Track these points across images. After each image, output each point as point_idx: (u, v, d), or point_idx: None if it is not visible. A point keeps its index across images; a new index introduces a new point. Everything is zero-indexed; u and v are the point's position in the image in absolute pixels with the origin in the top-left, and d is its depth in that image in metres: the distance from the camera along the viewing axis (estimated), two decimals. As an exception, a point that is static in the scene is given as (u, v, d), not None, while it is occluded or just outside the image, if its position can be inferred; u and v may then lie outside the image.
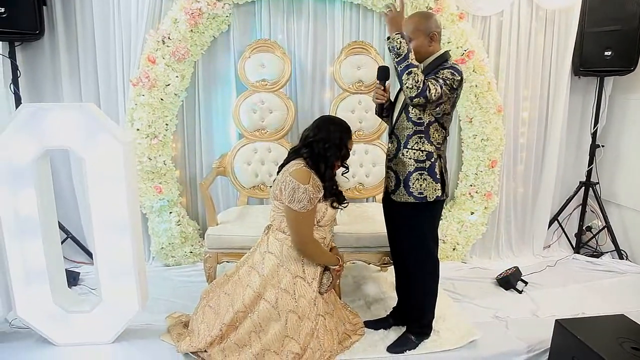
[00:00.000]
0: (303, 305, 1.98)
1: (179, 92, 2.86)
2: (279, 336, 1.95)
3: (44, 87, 2.95)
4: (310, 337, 1.98)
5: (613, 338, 1.95)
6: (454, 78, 1.87)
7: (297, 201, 1.89)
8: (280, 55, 2.93)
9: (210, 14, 2.75)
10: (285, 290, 1.98)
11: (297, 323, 1.97)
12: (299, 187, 1.88)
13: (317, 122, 2.09)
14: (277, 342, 1.95)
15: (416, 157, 1.98)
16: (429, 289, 2.16)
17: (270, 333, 1.96)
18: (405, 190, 2.00)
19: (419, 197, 1.98)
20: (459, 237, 3.23)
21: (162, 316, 2.39)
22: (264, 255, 2.05)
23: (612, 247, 3.42)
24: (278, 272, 2.01)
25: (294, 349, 1.94)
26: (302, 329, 1.97)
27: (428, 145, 1.97)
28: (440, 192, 1.99)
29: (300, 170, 1.95)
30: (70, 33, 2.89)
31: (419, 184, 1.98)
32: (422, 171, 1.97)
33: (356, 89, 2.99)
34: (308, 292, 2.01)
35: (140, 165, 2.83)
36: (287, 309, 1.97)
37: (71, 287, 2.71)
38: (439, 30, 1.98)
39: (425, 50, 1.97)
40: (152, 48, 2.74)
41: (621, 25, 3.10)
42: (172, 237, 2.98)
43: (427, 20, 1.97)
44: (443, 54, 1.99)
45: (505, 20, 3.16)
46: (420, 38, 1.95)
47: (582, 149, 3.58)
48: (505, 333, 2.37)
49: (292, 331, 1.96)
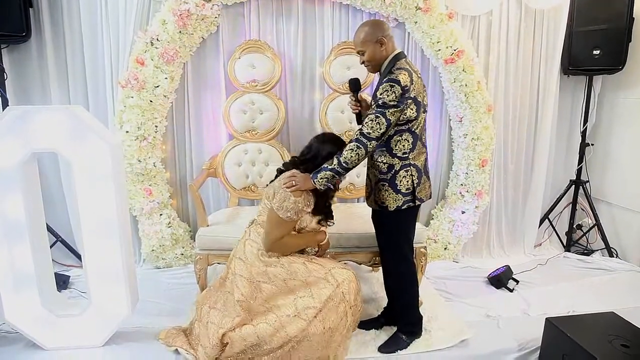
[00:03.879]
0: (297, 270, 1.97)
1: (168, 93, 2.84)
2: (290, 301, 1.94)
3: (32, 90, 2.92)
4: (321, 289, 1.94)
5: (603, 336, 1.97)
6: (393, 90, 1.86)
7: (285, 210, 1.91)
8: (270, 55, 2.93)
9: (199, 15, 2.73)
10: (270, 265, 1.99)
11: (302, 284, 1.95)
12: (290, 198, 1.90)
13: (311, 140, 2.12)
14: (291, 306, 1.92)
15: (379, 169, 2.03)
16: (406, 288, 2.19)
17: (281, 303, 1.95)
18: (373, 198, 2.10)
19: (381, 206, 2.06)
20: (450, 237, 3.23)
21: (153, 319, 2.38)
22: (245, 243, 2.06)
23: (602, 245, 3.44)
24: (258, 254, 2.01)
25: (308, 304, 1.91)
26: (311, 286, 1.95)
27: (389, 158, 2.00)
28: (402, 202, 2.02)
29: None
30: (57, 35, 2.87)
31: (382, 194, 2.04)
32: (384, 182, 2.02)
33: (346, 89, 2.97)
34: (296, 259, 2.02)
35: (130, 167, 2.81)
36: (283, 279, 1.96)
37: (61, 290, 2.69)
38: (386, 34, 1.99)
39: (380, 56, 2.00)
40: (140, 50, 2.72)
41: (609, 25, 3.12)
42: (163, 239, 2.97)
43: (372, 29, 2.00)
44: (395, 55, 2.00)
45: (494, 20, 3.17)
46: (370, 47, 1.99)
47: (572, 147, 3.61)
48: (496, 332, 2.38)
49: (300, 291, 1.94)
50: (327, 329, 1.90)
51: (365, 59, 2.02)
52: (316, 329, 1.89)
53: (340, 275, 1.96)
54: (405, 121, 1.95)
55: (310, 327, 1.89)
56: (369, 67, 2.05)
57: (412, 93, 1.91)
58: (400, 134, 1.97)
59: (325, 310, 1.90)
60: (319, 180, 1.91)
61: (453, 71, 2.99)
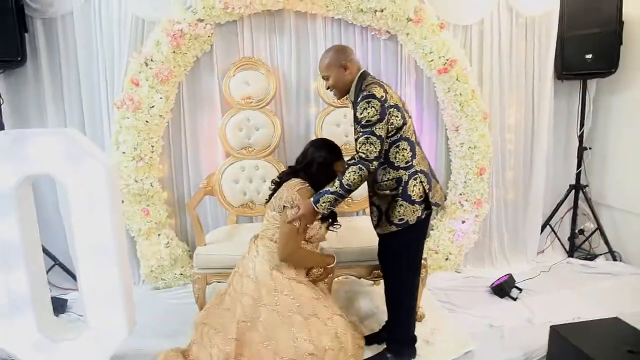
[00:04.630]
0: (304, 304, 1.95)
1: (163, 113, 2.85)
2: (289, 342, 1.89)
3: (28, 113, 2.94)
4: (325, 337, 1.91)
5: (609, 342, 1.94)
6: (372, 105, 1.86)
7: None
8: (264, 72, 2.95)
9: (192, 35, 2.76)
10: (281, 292, 1.96)
11: (303, 323, 1.92)
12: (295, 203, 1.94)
13: (306, 146, 2.16)
14: (290, 349, 1.88)
15: (389, 187, 1.99)
16: (402, 307, 2.14)
17: (280, 341, 1.89)
18: (387, 221, 2.03)
19: (400, 224, 2.00)
20: (451, 247, 3.21)
21: (152, 341, 2.35)
22: (254, 261, 2.04)
23: (605, 249, 3.41)
24: (271, 274, 1.99)
25: (308, 349, 1.87)
26: (311, 328, 1.92)
27: (394, 172, 1.98)
28: (421, 211, 1.99)
29: (306, 189, 2.02)
30: (53, 59, 2.90)
31: (398, 210, 1.98)
32: (398, 198, 1.98)
33: (341, 102, 2.98)
34: (306, 290, 1.99)
35: (126, 187, 2.81)
36: (289, 310, 1.93)
37: (59, 314, 2.67)
38: (350, 58, 2.02)
39: (345, 81, 2.02)
40: (135, 70, 2.74)
41: (600, 28, 3.14)
42: (162, 260, 2.95)
43: (336, 54, 2.03)
44: (359, 77, 2.02)
45: (486, 29, 3.19)
46: (334, 72, 2.02)
47: (569, 152, 3.59)
48: (501, 342, 2.35)
49: (301, 332, 1.90)
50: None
51: (330, 84, 2.04)
52: None
53: (337, 324, 1.96)
54: (395, 130, 1.94)
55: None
56: (335, 92, 2.07)
57: (390, 102, 1.92)
58: (396, 144, 1.96)
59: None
60: (320, 205, 1.91)
61: (447, 81, 3.00)
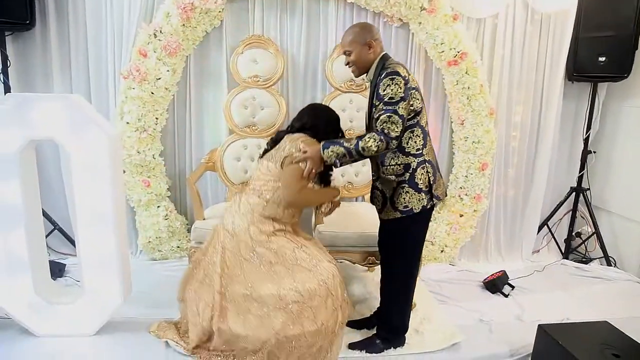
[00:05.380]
0: (285, 255, 1.92)
1: (169, 86, 2.85)
2: (272, 292, 1.87)
3: (35, 78, 2.94)
4: (306, 281, 1.88)
5: (595, 345, 1.95)
6: (396, 82, 1.82)
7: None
8: (273, 52, 2.93)
9: (203, 9, 2.73)
10: (260, 246, 1.93)
11: (286, 273, 1.90)
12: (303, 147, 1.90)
13: (310, 110, 2.12)
14: (274, 299, 1.86)
15: (395, 172, 1.97)
16: (399, 295, 2.14)
17: (263, 292, 1.87)
18: (391, 207, 2.00)
19: (404, 211, 1.97)
20: (447, 239, 3.22)
21: (146, 310, 2.39)
22: (235, 216, 2.00)
23: (601, 254, 3.42)
24: (248, 229, 1.94)
25: (292, 298, 1.85)
26: (295, 276, 1.89)
27: (403, 158, 1.94)
28: (426, 200, 1.97)
29: (311, 140, 1.96)
30: (61, 24, 2.88)
31: (403, 197, 1.96)
32: (404, 184, 1.96)
33: (348, 87, 2.99)
34: (286, 242, 1.96)
35: (129, 158, 2.82)
36: (269, 261, 1.91)
37: (56, 278, 2.71)
38: (375, 38, 1.98)
39: (366, 59, 1.98)
40: (143, 41, 2.73)
41: (615, 32, 3.09)
42: (160, 231, 2.98)
43: (362, 31, 1.98)
44: (381, 57, 1.98)
45: (500, 23, 3.15)
46: (357, 49, 1.97)
47: (574, 154, 3.58)
48: (488, 337, 2.37)
49: (283, 282, 1.88)
50: (320, 326, 1.86)
51: (351, 60, 2.00)
52: (309, 327, 1.85)
53: (325, 270, 1.92)
54: (414, 114, 1.91)
55: (301, 325, 1.85)
56: (354, 69, 2.03)
57: (412, 83, 1.90)
58: (411, 129, 1.93)
59: (313, 307, 1.86)
60: (329, 152, 1.86)
61: (456, 73, 2.97)
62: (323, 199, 2.12)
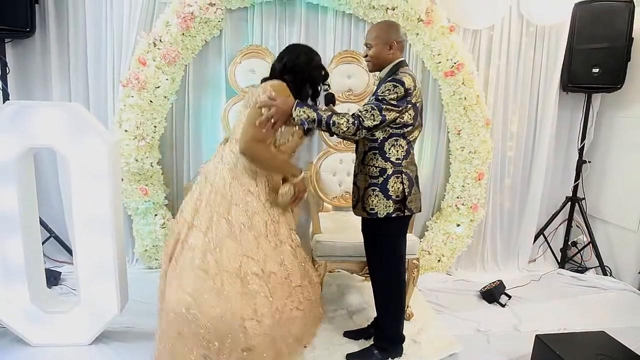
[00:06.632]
0: (257, 224, 1.85)
1: (168, 94, 2.85)
2: (235, 256, 1.78)
3: (34, 85, 2.94)
4: (271, 261, 1.81)
5: (592, 355, 1.96)
6: (395, 90, 1.85)
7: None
8: (270, 61, 2.93)
9: (202, 19, 2.75)
10: (236, 204, 1.84)
11: (253, 242, 1.82)
12: (272, 94, 1.81)
13: (289, 49, 2.07)
14: (234, 263, 1.76)
15: (370, 173, 1.99)
16: (390, 304, 2.14)
17: (226, 252, 1.77)
18: (361, 206, 2.04)
19: (370, 213, 2.01)
20: (444, 249, 3.23)
21: (143, 319, 2.36)
22: (218, 167, 1.91)
23: (596, 263, 3.43)
24: (230, 184, 1.86)
25: (252, 269, 1.77)
26: (260, 248, 1.82)
27: (382, 162, 1.97)
28: (393, 209, 1.97)
29: (280, 84, 1.88)
30: (61, 32, 2.89)
31: (371, 199, 1.99)
32: (375, 187, 1.98)
33: (346, 97, 3.00)
34: (261, 210, 1.87)
35: (126, 166, 2.81)
36: (241, 223, 1.82)
37: (52, 286, 2.68)
38: (399, 40, 2.00)
39: (384, 58, 2.00)
40: (143, 50, 2.74)
41: (609, 43, 3.14)
42: (157, 240, 2.97)
43: (388, 29, 2.01)
44: (398, 62, 2.00)
45: (495, 35, 3.20)
46: (379, 46, 1.99)
47: (569, 164, 3.61)
48: (486, 347, 2.38)
49: (247, 249, 1.80)
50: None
51: (370, 54, 2.01)
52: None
53: (289, 252, 1.89)
54: (402, 125, 1.94)
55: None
56: (370, 64, 2.05)
57: (413, 99, 1.91)
58: (395, 138, 1.95)
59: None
60: (300, 111, 1.81)
61: (452, 84, 3.00)
62: (280, 167, 1.96)
